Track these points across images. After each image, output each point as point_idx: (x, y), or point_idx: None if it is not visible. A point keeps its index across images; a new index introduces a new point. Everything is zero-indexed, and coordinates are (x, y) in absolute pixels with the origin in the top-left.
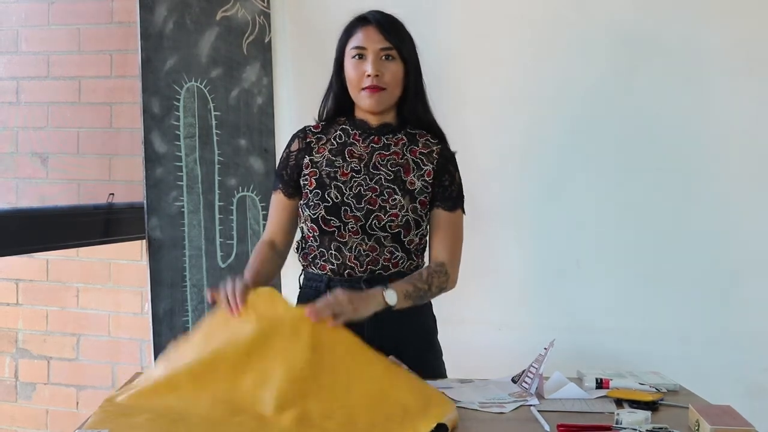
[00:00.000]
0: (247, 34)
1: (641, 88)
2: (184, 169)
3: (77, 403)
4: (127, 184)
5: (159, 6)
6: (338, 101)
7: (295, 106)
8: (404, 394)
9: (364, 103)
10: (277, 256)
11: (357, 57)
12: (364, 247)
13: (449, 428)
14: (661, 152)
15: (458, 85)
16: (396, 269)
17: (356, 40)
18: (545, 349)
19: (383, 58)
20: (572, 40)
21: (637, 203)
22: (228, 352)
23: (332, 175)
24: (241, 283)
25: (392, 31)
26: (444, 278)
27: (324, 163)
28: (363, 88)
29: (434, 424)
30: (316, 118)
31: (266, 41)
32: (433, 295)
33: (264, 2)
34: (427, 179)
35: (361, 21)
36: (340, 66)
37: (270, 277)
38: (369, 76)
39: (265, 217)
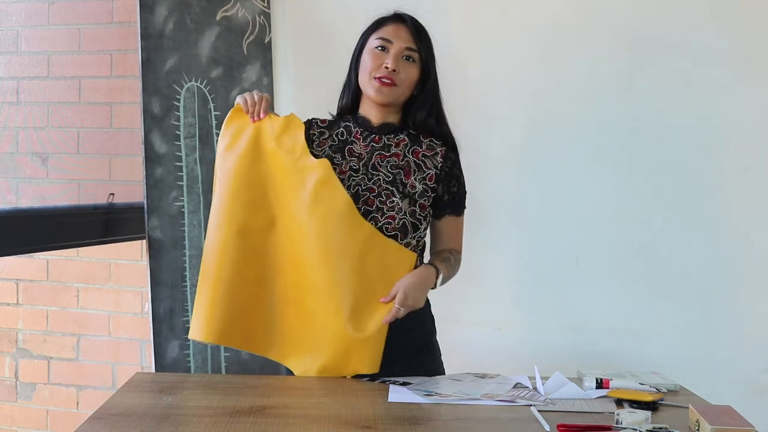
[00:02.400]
0: (247, 34)
1: (642, 88)
2: (184, 169)
3: (77, 403)
4: (127, 184)
5: (159, 6)
6: (353, 96)
7: (295, 106)
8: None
9: (372, 92)
10: None
11: (380, 48)
12: None
13: None
14: (662, 152)
15: (458, 84)
16: None
17: (384, 32)
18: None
19: (404, 57)
20: (573, 40)
21: (637, 203)
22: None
23: None
24: (267, 96)
25: (421, 37)
26: (458, 266)
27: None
28: (376, 77)
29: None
30: (332, 113)
31: (266, 41)
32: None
33: (264, 2)
34: (429, 183)
35: (394, 17)
36: (358, 57)
37: None
38: (387, 68)
39: None
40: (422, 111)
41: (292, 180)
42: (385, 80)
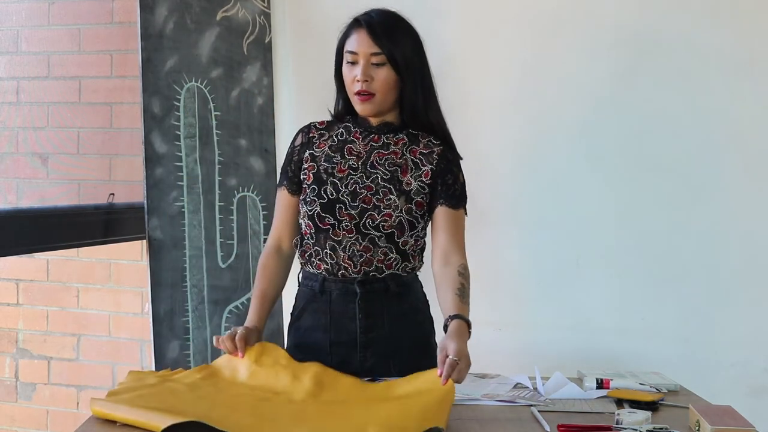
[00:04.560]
0: (247, 34)
1: (642, 88)
2: (184, 169)
3: (77, 403)
4: (127, 184)
5: (159, 6)
6: (345, 101)
7: (295, 106)
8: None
9: (356, 107)
10: (284, 262)
11: (350, 61)
12: (357, 246)
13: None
14: (662, 152)
15: (458, 84)
16: (390, 271)
17: (350, 43)
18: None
19: (373, 63)
20: (572, 40)
21: (637, 203)
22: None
23: (330, 170)
24: (243, 330)
25: (384, 36)
26: (470, 279)
27: (323, 158)
28: (355, 93)
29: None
30: (331, 111)
31: (266, 41)
32: None
33: (264, 2)
34: (425, 179)
35: (355, 24)
36: (339, 67)
37: (279, 291)
38: (359, 81)
39: (265, 218)
40: (411, 106)
41: (284, 379)
42: (362, 95)
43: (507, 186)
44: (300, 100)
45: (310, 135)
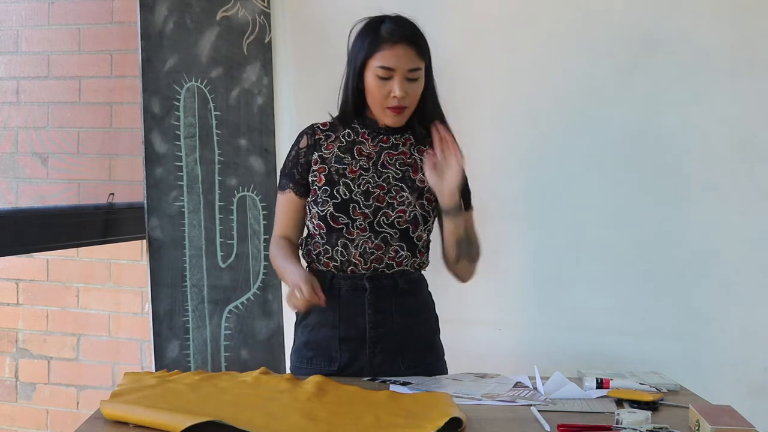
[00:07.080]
0: (247, 34)
1: (642, 88)
2: (184, 169)
3: (77, 403)
4: (127, 184)
5: (159, 6)
6: (356, 106)
7: (295, 106)
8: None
9: (387, 120)
10: (295, 247)
11: (383, 76)
12: (370, 245)
13: (463, 422)
14: (662, 152)
15: (458, 84)
16: (399, 267)
17: (384, 58)
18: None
19: (408, 79)
20: (573, 39)
21: (637, 203)
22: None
23: (341, 171)
24: (306, 275)
25: (421, 49)
26: (480, 249)
27: (333, 160)
28: (388, 108)
29: (443, 421)
30: (332, 114)
31: (266, 41)
32: (472, 257)
33: (264, 2)
34: None
35: (391, 37)
36: (358, 73)
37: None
38: (395, 97)
39: (265, 217)
40: (430, 111)
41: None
42: (398, 109)
43: (507, 186)
44: (300, 100)
45: (317, 137)
